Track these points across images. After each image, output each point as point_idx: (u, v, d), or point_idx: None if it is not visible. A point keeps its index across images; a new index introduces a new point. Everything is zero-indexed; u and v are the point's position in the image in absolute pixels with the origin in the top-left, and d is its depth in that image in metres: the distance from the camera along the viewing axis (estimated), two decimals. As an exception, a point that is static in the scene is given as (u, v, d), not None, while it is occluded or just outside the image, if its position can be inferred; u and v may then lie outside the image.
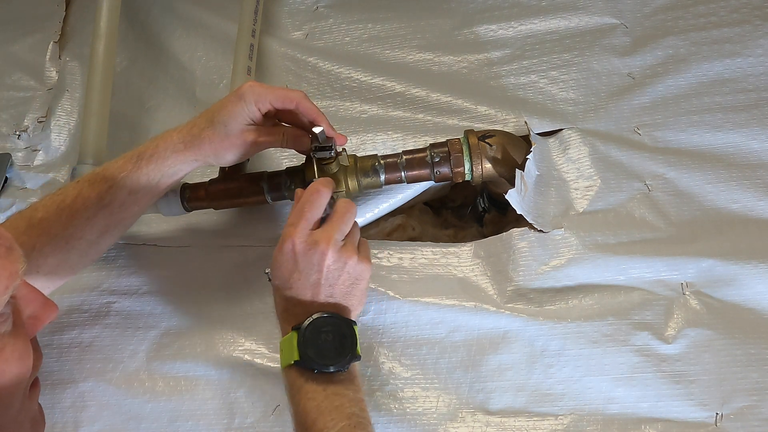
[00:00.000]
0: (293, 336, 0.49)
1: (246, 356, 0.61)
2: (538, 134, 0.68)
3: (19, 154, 0.83)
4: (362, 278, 0.53)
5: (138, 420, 0.59)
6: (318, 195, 0.53)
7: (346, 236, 0.54)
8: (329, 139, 0.57)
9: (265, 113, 0.57)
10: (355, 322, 0.51)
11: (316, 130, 0.55)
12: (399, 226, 0.73)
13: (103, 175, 0.56)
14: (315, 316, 0.49)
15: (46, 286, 0.56)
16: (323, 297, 0.51)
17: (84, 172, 0.64)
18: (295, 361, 0.48)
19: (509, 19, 0.80)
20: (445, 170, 0.62)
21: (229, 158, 0.57)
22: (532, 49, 0.77)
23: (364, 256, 0.54)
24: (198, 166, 0.58)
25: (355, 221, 0.56)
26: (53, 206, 0.55)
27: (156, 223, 0.72)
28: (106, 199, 0.55)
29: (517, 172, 0.61)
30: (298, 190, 0.57)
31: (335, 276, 0.52)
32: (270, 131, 0.57)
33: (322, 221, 0.54)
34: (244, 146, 0.56)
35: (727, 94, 0.69)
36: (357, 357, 0.50)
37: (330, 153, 0.58)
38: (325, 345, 0.48)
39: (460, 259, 0.64)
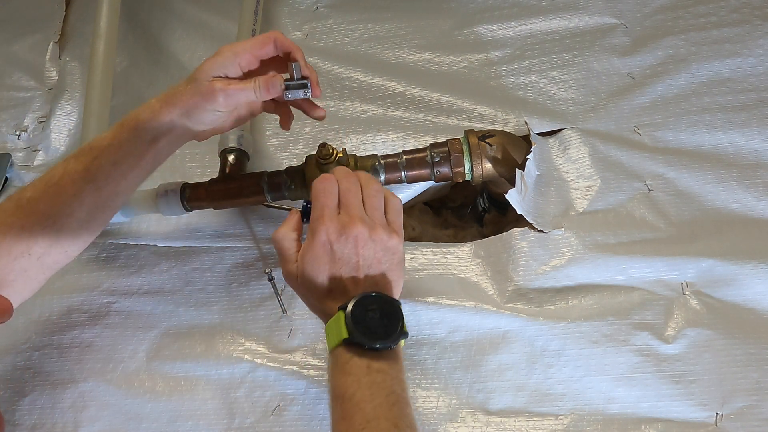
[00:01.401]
0: (339, 316, 0.48)
1: (246, 356, 0.61)
2: (538, 134, 0.68)
3: (19, 154, 0.83)
4: (396, 251, 0.52)
5: (138, 420, 0.59)
6: (327, 181, 0.53)
7: (370, 207, 0.53)
8: (304, 78, 0.56)
9: (248, 71, 0.57)
10: (398, 300, 0.51)
11: (294, 65, 0.55)
12: (399, 226, 0.72)
13: (89, 147, 0.56)
14: (360, 294, 0.49)
15: (40, 272, 0.56)
16: (363, 277, 0.51)
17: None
18: (343, 339, 0.47)
19: (509, 19, 0.80)
20: (445, 170, 0.62)
21: (204, 117, 0.56)
22: (532, 49, 0.77)
23: (392, 230, 0.53)
24: (177, 133, 0.57)
25: (378, 187, 0.54)
26: (41, 185, 0.55)
27: (156, 223, 0.72)
28: (92, 171, 0.55)
29: (517, 172, 0.61)
30: (315, 183, 0.55)
31: (371, 255, 0.51)
32: (241, 80, 0.56)
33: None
34: (213, 95, 0.55)
35: (727, 94, 0.69)
36: (405, 334, 0.49)
37: (304, 94, 0.56)
38: (372, 323, 0.48)
39: (460, 259, 0.64)
